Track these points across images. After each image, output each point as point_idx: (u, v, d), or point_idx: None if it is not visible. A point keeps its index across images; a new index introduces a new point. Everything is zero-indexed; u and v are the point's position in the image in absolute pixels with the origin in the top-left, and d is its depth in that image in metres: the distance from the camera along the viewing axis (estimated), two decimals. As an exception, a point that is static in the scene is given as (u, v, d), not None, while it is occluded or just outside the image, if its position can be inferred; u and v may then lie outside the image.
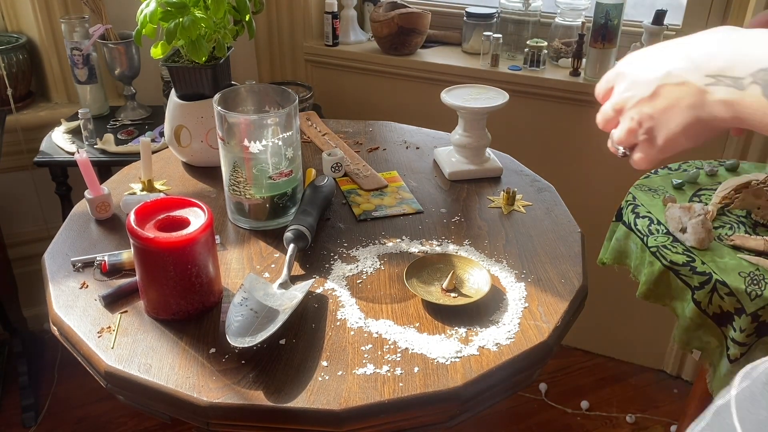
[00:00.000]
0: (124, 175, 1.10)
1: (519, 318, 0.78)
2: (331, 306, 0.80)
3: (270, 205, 0.93)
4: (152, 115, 1.79)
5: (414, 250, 0.91)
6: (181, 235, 0.73)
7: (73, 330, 0.76)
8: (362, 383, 0.69)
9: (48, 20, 1.76)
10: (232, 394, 0.67)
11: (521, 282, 0.84)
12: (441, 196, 1.05)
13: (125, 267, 0.85)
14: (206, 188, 1.07)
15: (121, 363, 0.71)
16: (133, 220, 0.75)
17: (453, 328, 0.77)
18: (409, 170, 1.13)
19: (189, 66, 1.05)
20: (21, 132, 1.77)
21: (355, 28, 1.95)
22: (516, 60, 1.80)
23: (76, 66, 1.71)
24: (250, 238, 0.93)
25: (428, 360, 0.72)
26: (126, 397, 0.72)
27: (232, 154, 0.89)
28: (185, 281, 0.75)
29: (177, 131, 1.09)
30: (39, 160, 1.60)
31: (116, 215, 0.98)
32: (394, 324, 0.77)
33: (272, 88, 0.97)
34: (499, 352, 0.73)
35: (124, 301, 0.80)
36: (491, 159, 1.12)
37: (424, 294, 0.80)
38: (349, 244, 0.92)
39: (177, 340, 0.74)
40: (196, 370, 0.70)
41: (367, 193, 1.05)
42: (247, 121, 0.88)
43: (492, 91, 1.09)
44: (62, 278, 0.84)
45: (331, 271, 0.86)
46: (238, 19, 1.08)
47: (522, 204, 1.02)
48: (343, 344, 0.74)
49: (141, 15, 0.99)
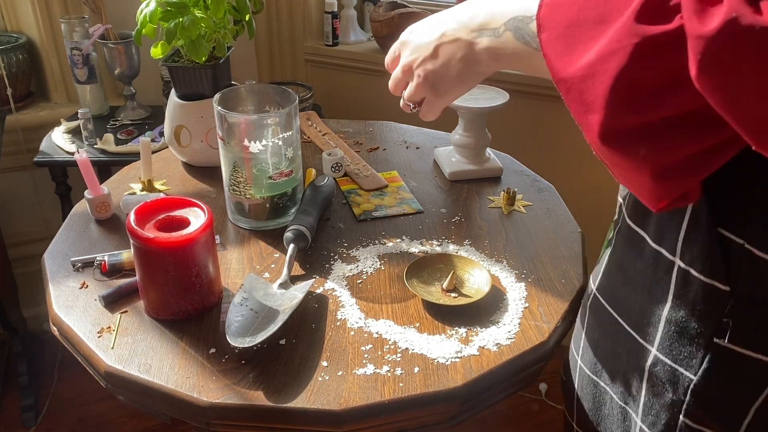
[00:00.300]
0: (124, 175, 1.10)
1: (519, 318, 0.78)
2: (332, 306, 0.80)
3: (270, 205, 0.93)
4: (152, 115, 1.79)
5: (414, 250, 0.91)
6: (181, 235, 0.73)
7: (73, 330, 0.76)
8: (362, 383, 0.69)
9: (48, 20, 1.75)
10: (232, 394, 0.67)
11: (521, 282, 0.84)
12: (441, 196, 1.05)
13: (125, 267, 0.85)
14: (206, 188, 1.07)
15: (121, 363, 0.71)
16: (133, 220, 0.74)
17: (453, 328, 0.77)
18: (409, 170, 1.13)
19: (189, 66, 1.05)
20: (21, 132, 1.77)
21: (355, 28, 1.95)
22: (516, 60, 1.80)
23: (75, 66, 1.71)
24: (250, 238, 0.93)
25: (428, 360, 0.72)
26: (126, 397, 0.72)
27: (232, 154, 0.89)
28: (185, 281, 0.75)
29: (177, 131, 1.09)
30: (39, 160, 1.59)
31: (116, 215, 0.98)
32: (395, 324, 0.77)
33: (272, 88, 0.96)
34: (500, 353, 0.73)
35: (124, 301, 0.80)
36: (491, 159, 1.12)
37: (424, 294, 0.80)
38: (349, 244, 0.92)
39: (177, 340, 0.74)
40: (196, 370, 0.70)
41: (367, 193, 1.05)
42: (247, 121, 0.87)
43: (492, 91, 1.09)
44: (62, 278, 0.84)
45: (331, 271, 0.86)
46: (238, 19, 1.08)
47: (522, 204, 1.02)
48: (343, 344, 0.74)
49: (141, 15, 0.99)
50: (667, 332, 0.57)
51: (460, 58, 0.66)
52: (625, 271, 0.63)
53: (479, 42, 0.64)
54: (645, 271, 0.60)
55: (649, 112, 0.45)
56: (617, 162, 0.50)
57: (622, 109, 0.46)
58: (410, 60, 0.71)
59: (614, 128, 0.47)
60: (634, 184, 0.51)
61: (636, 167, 0.49)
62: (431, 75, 0.69)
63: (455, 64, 0.67)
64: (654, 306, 0.58)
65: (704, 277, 0.53)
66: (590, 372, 0.69)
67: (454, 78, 0.68)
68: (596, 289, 0.68)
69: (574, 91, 0.49)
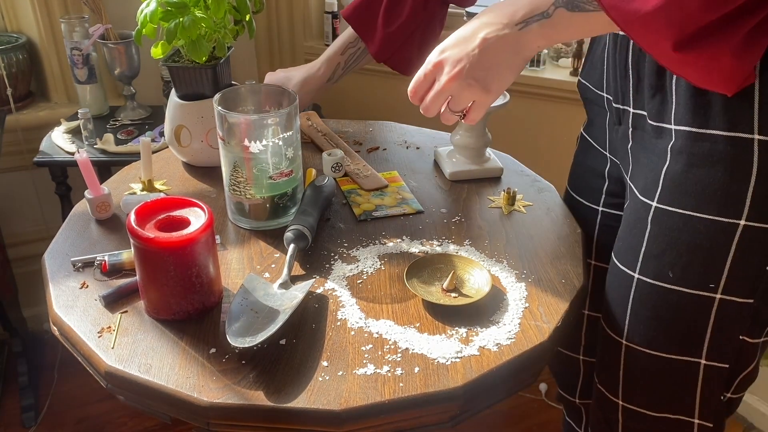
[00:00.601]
0: (124, 175, 1.10)
1: (519, 318, 0.78)
2: (332, 306, 0.80)
3: (270, 205, 0.93)
4: (152, 115, 1.79)
5: (414, 250, 0.91)
6: (182, 235, 0.73)
7: (73, 330, 0.76)
8: (362, 383, 0.69)
9: (48, 20, 1.76)
10: (232, 394, 0.67)
11: (522, 282, 0.84)
12: (441, 196, 1.05)
13: (125, 267, 0.85)
14: (206, 188, 1.07)
15: (121, 363, 0.71)
16: (133, 220, 0.74)
17: (453, 328, 0.77)
18: (409, 170, 1.13)
19: (189, 66, 1.05)
20: (21, 132, 1.77)
21: (355, 28, 1.95)
22: (516, 60, 1.80)
23: (75, 66, 1.71)
24: (251, 238, 0.93)
25: (428, 360, 0.72)
26: (126, 397, 0.72)
27: (233, 154, 0.89)
28: (185, 281, 0.75)
29: (177, 131, 1.09)
30: (39, 160, 1.60)
31: (116, 215, 0.98)
32: (395, 324, 0.77)
33: (272, 88, 0.97)
34: (500, 353, 0.73)
35: (124, 301, 0.80)
36: (492, 159, 1.12)
37: (424, 294, 0.80)
38: (350, 244, 0.92)
39: (177, 340, 0.74)
40: (196, 370, 0.70)
41: (368, 193, 1.05)
42: (247, 121, 0.87)
43: (492, 91, 1.09)
44: (62, 278, 0.84)
45: (331, 271, 0.86)
46: (239, 19, 1.08)
47: (522, 204, 1.02)
48: (343, 344, 0.74)
49: (141, 15, 0.99)
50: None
51: (510, 51, 0.73)
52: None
53: (528, 30, 0.71)
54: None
55: (733, 1, 0.59)
56: (696, 61, 0.63)
57: (714, 5, 0.58)
58: (455, 72, 0.75)
59: (700, 29, 0.60)
60: (715, 74, 0.64)
61: (716, 55, 0.62)
62: (482, 76, 0.74)
63: (507, 57, 0.73)
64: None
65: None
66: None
67: (506, 70, 0.74)
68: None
69: (658, 20, 0.60)
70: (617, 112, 0.86)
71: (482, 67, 0.74)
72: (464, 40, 0.75)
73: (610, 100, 0.88)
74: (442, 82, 0.76)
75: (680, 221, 0.75)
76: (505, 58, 0.73)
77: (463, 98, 0.77)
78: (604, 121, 0.92)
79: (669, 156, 0.76)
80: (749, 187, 0.70)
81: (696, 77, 0.67)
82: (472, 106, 0.79)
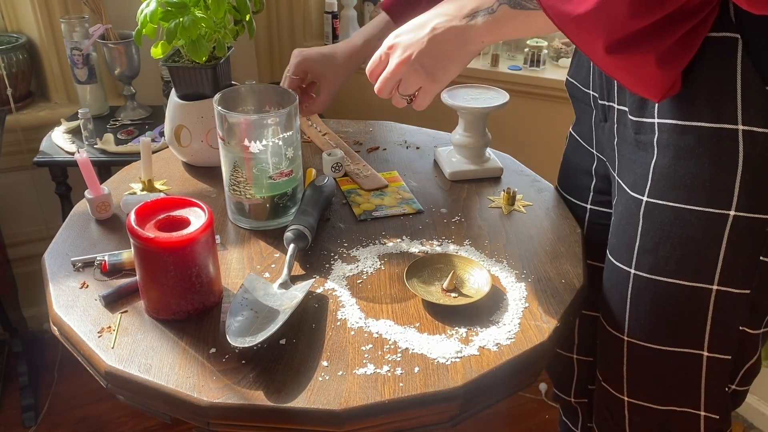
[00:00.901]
0: (124, 175, 1.10)
1: (519, 318, 0.78)
2: (332, 306, 0.80)
3: (270, 205, 0.93)
4: (152, 115, 1.79)
5: (414, 250, 0.91)
6: (182, 235, 0.73)
7: (73, 330, 0.76)
8: (362, 383, 0.69)
9: (48, 20, 1.75)
10: (232, 394, 0.67)
11: (521, 282, 0.84)
12: (441, 196, 1.05)
13: (125, 267, 0.85)
14: (206, 188, 1.07)
15: (121, 363, 0.71)
16: (133, 220, 0.74)
17: (453, 328, 0.77)
18: (409, 170, 1.13)
19: (189, 66, 1.05)
20: (21, 132, 1.77)
21: (355, 28, 1.95)
22: (516, 60, 1.80)
23: (75, 66, 1.71)
24: (251, 238, 0.93)
25: (428, 360, 0.72)
26: (126, 397, 0.72)
27: (233, 154, 0.89)
28: (185, 281, 0.75)
29: (177, 131, 1.09)
30: (39, 160, 1.60)
31: (116, 215, 0.98)
32: (395, 324, 0.77)
33: (272, 88, 0.97)
34: (500, 353, 0.73)
35: (124, 301, 0.80)
36: (491, 159, 1.12)
37: (424, 294, 0.80)
38: (350, 244, 0.92)
39: (177, 340, 0.74)
40: (196, 370, 0.70)
41: (368, 193, 1.05)
42: (247, 121, 0.88)
43: (492, 91, 1.09)
44: (62, 278, 0.84)
45: (331, 271, 0.86)
46: (239, 19, 1.08)
47: (522, 204, 1.02)
48: (343, 344, 0.74)
49: (141, 15, 0.99)
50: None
51: (456, 42, 0.75)
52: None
53: (474, 24, 0.73)
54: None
55: (658, 11, 0.60)
56: (626, 66, 0.65)
57: (640, 13, 0.60)
58: (404, 56, 0.78)
59: (628, 35, 0.62)
60: (643, 80, 0.67)
61: (642, 62, 0.64)
62: (428, 64, 0.77)
63: (451, 48, 0.76)
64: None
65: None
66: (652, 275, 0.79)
67: (450, 61, 0.77)
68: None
69: (589, 23, 0.62)
70: (603, 109, 0.87)
71: (429, 56, 0.76)
72: (417, 27, 0.77)
73: (595, 97, 0.88)
74: (392, 65, 0.79)
75: (672, 214, 0.75)
76: (451, 48, 0.76)
77: (411, 83, 0.80)
78: (591, 119, 0.93)
79: (656, 150, 0.76)
80: (737, 177, 0.70)
81: (626, 81, 0.69)
82: (419, 92, 0.81)
